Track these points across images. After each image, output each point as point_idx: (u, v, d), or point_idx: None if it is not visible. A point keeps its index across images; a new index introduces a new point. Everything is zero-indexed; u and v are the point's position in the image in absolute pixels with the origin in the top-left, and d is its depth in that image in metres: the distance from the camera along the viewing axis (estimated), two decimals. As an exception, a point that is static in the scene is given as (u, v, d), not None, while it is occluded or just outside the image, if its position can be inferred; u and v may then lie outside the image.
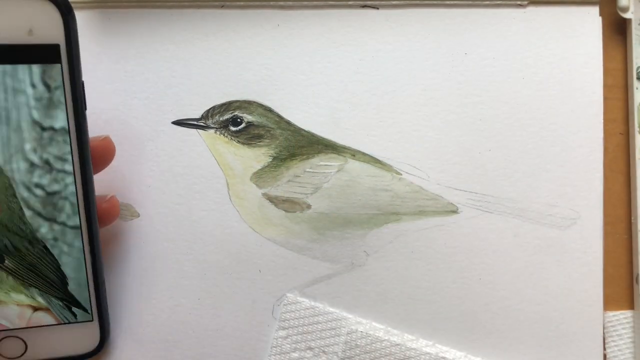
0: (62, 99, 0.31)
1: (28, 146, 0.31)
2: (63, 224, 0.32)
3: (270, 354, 0.35)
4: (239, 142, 0.36)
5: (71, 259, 0.32)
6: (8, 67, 0.30)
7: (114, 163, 0.35)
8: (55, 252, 0.32)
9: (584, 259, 0.36)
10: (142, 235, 0.36)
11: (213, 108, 0.36)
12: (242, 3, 0.36)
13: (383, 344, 0.35)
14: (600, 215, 0.36)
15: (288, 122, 0.36)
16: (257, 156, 0.36)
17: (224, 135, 0.36)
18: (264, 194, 0.36)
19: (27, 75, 0.30)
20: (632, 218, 0.37)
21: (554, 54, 0.36)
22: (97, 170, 0.34)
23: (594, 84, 0.36)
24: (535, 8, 0.36)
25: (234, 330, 0.35)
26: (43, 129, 0.31)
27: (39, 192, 0.31)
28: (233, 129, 0.36)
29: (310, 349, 0.35)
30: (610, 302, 0.36)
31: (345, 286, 0.36)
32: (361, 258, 0.36)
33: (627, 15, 0.36)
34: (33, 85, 0.30)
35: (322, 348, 0.35)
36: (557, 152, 0.36)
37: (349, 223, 0.36)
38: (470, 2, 0.36)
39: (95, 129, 0.34)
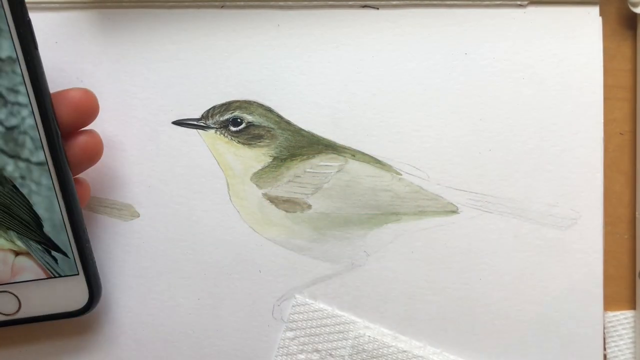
0: (4, 28, 0.30)
1: None
2: (27, 160, 0.31)
3: (277, 354, 0.35)
4: (239, 142, 0.36)
5: (41, 199, 0.32)
6: None
7: (114, 163, 0.35)
8: (24, 191, 0.31)
9: (584, 259, 0.36)
10: (142, 235, 0.36)
11: (213, 108, 0.36)
12: (242, 3, 0.36)
13: (390, 350, 0.35)
14: (600, 215, 0.36)
15: (288, 122, 0.36)
16: (257, 156, 0.36)
17: (224, 135, 0.36)
18: (264, 194, 0.36)
19: None
20: (637, 213, 0.37)
21: (554, 54, 0.36)
22: (86, 168, 0.34)
23: (594, 84, 0.36)
24: (536, 8, 0.36)
25: (233, 331, 0.35)
26: None
27: None
28: (233, 129, 0.36)
29: (317, 351, 0.35)
30: (610, 303, 0.36)
31: (345, 286, 0.36)
32: (361, 258, 0.36)
33: (638, 10, 0.36)
34: None
35: (329, 351, 0.35)
36: (557, 152, 0.36)
37: (349, 223, 0.36)
38: (470, 2, 0.36)
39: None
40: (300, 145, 0.36)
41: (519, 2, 0.36)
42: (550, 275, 0.36)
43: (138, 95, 0.36)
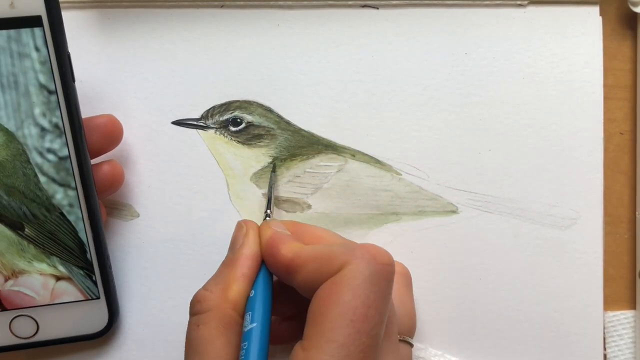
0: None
1: (37, 111, 0.31)
2: (76, 188, 0.32)
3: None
4: (238, 142, 0.36)
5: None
6: (12, 31, 0.30)
7: (114, 163, 0.35)
8: (71, 218, 0.32)
9: (584, 259, 0.36)
10: (142, 235, 0.36)
11: (213, 108, 0.36)
12: (241, 3, 0.36)
13: None
14: (600, 215, 0.36)
15: (288, 122, 0.36)
16: (257, 156, 0.36)
17: (223, 135, 0.36)
18: (264, 194, 0.36)
19: (31, 38, 0.30)
20: (637, 213, 0.37)
21: (554, 54, 0.36)
22: (107, 195, 0.35)
23: (594, 84, 0.36)
24: (536, 8, 0.36)
25: (233, 331, 0.35)
26: (50, 92, 0.31)
27: (51, 157, 0.32)
28: (233, 129, 0.36)
29: None
30: (610, 302, 0.36)
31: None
32: (361, 258, 0.36)
33: (638, 10, 0.36)
34: (37, 49, 0.30)
35: None
36: (557, 152, 0.36)
37: (349, 223, 0.36)
38: (470, 2, 0.36)
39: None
40: (300, 145, 0.36)
41: (519, 2, 0.36)
42: (550, 275, 0.36)
43: (138, 95, 0.36)
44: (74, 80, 0.31)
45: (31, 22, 0.30)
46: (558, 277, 0.36)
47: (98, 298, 0.33)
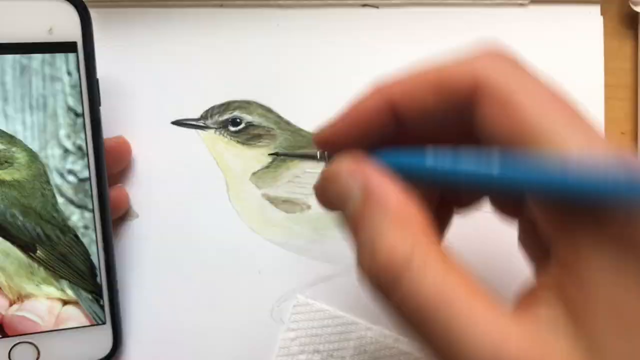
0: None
1: (62, 132, 0.32)
2: (93, 211, 0.32)
3: (278, 354, 0.35)
4: (238, 142, 0.36)
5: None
6: (47, 55, 0.31)
7: (113, 163, 0.35)
8: (85, 241, 0.32)
9: (585, 259, 0.36)
10: (142, 235, 0.36)
11: (212, 108, 0.36)
12: (241, 2, 0.36)
13: (392, 352, 0.35)
14: (601, 215, 0.36)
15: (288, 122, 0.36)
16: (257, 156, 0.36)
17: (223, 135, 0.36)
18: (264, 195, 0.36)
19: (64, 63, 0.31)
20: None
21: (554, 54, 0.36)
22: (115, 170, 0.35)
23: (594, 84, 0.36)
24: (536, 7, 0.36)
25: (233, 331, 0.35)
26: (77, 115, 0.32)
27: (71, 178, 0.32)
28: (232, 129, 0.36)
29: (318, 352, 0.35)
30: (611, 303, 0.36)
31: (345, 286, 0.36)
32: (361, 258, 0.36)
33: (639, 9, 0.36)
34: (69, 73, 0.31)
35: (330, 352, 0.35)
36: (558, 152, 0.36)
37: (349, 223, 0.36)
38: (470, 2, 0.36)
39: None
40: (300, 145, 0.36)
41: (519, 2, 0.36)
42: (551, 275, 0.36)
43: (137, 95, 0.36)
44: (100, 104, 0.32)
45: (67, 47, 0.31)
46: (558, 277, 0.36)
47: (104, 323, 0.33)
